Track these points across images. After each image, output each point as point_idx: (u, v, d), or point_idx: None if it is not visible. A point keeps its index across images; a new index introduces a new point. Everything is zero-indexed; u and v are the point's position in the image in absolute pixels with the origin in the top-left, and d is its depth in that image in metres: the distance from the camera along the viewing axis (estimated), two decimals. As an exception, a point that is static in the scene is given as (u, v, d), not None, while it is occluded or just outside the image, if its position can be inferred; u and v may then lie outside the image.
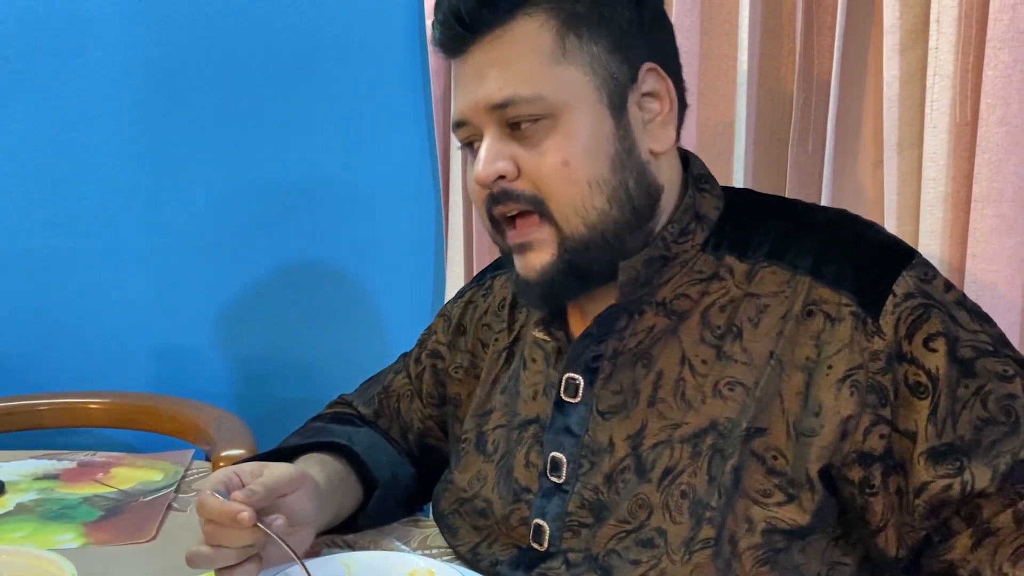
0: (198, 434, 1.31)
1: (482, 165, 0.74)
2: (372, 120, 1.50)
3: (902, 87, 0.94)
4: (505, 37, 0.74)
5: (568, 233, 0.74)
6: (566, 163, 0.73)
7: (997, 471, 0.66)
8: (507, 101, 0.73)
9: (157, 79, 1.50)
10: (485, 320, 0.94)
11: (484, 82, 0.74)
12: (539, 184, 0.74)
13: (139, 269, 1.56)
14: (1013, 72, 0.84)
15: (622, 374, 0.77)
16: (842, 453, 0.69)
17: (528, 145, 0.74)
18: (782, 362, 0.71)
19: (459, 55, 0.76)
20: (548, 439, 0.80)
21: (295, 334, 1.56)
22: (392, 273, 1.54)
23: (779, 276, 0.74)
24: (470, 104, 0.75)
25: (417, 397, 1.00)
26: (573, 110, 0.73)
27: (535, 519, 0.78)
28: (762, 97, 1.09)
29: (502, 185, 0.75)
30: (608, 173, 0.74)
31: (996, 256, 0.88)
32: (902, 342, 0.68)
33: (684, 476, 0.72)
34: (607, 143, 0.74)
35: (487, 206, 0.77)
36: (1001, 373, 0.68)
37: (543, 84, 0.73)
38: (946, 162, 0.91)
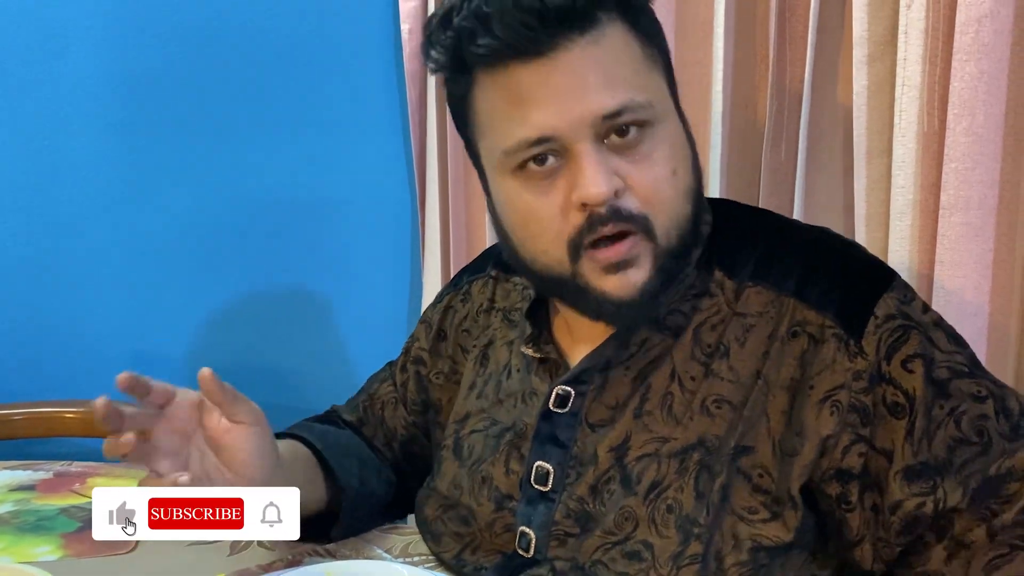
0: (176, 443, 1.31)
1: (601, 181, 0.67)
2: (348, 126, 1.50)
3: (871, 97, 0.96)
4: (603, 41, 0.68)
5: (665, 246, 0.71)
6: (675, 172, 0.71)
7: (968, 488, 0.67)
8: (622, 108, 0.68)
9: (134, 87, 1.49)
10: (464, 325, 0.94)
11: (588, 91, 0.67)
12: (650, 198, 0.70)
13: (115, 277, 1.55)
14: (979, 84, 0.86)
15: (616, 388, 0.77)
16: (820, 469, 0.70)
17: (632, 158, 0.69)
18: (768, 382, 0.72)
19: (534, 58, 0.68)
20: (533, 448, 0.80)
21: (272, 342, 1.56)
22: (369, 280, 1.54)
23: (764, 296, 0.74)
24: (571, 117, 0.68)
25: (401, 404, 1.00)
26: (670, 117, 0.72)
27: (521, 527, 0.79)
28: (736, 104, 1.11)
29: (613, 203, 0.69)
30: (694, 181, 0.73)
31: (963, 262, 0.90)
32: (882, 363, 0.69)
33: (670, 491, 0.72)
34: (689, 151, 0.74)
35: (577, 233, 0.70)
36: (975, 394, 0.69)
37: (650, 90, 0.70)
38: (914, 170, 0.93)
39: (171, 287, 1.54)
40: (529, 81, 0.68)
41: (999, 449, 0.68)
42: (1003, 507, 0.67)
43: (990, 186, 0.89)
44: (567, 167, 0.70)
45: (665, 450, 0.74)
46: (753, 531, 0.70)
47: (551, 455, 0.78)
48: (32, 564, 0.84)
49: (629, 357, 0.77)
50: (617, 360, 0.77)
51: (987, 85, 0.87)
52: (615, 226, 0.69)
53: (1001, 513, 0.67)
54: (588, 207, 0.69)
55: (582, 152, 0.68)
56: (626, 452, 0.75)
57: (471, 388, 0.90)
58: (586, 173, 0.68)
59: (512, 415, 0.83)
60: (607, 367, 0.77)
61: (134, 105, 1.49)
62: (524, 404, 0.83)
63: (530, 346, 0.83)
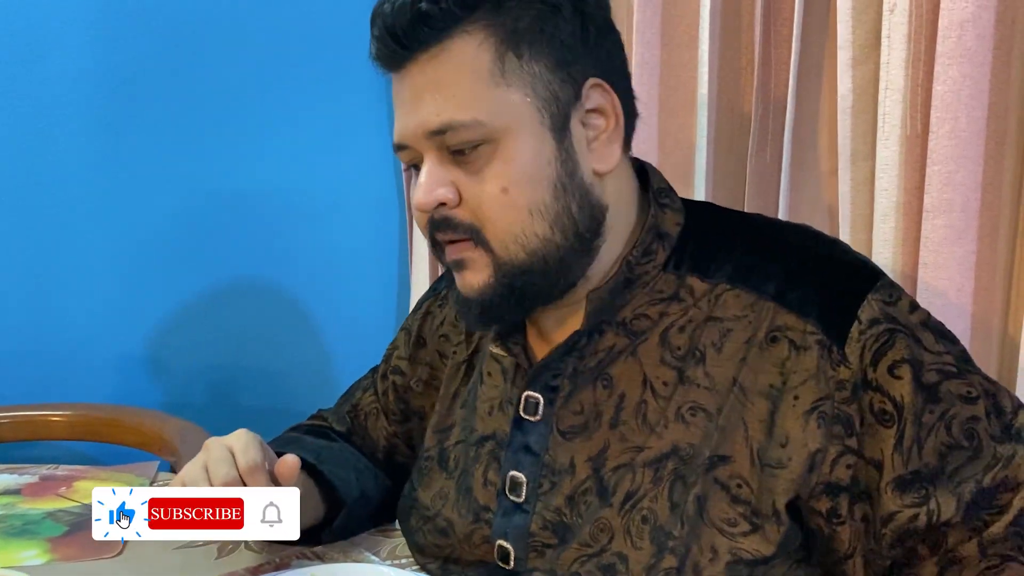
0: (163, 446, 1.30)
1: (422, 192, 0.72)
2: (335, 127, 1.50)
3: (855, 100, 0.96)
4: (442, 56, 0.70)
5: (505, 259, 0.72)
6: (505, 190, 0.71)
7: (962, 500, 0.66)
8: (444, 127, 0.70)
9: (119, 87, 1.49)
10: (443, 331, 0.93)
11: (421, 106, 0.71)
12: (478, 212, 0.72)
13: (99, 278, 1.54)
14: (961, 87, 0.87)
15: (582, 394, 0.76)
16: (809, 486, 0.69)
17: (469, 171, 0.72)
18: (744, 389, 0.71)
19: (397, 71, 0.73)
20: (507, 457, 0.79)
21: (259, 344, 1.56)
22: (356, 280, 1.54)
23: (742, 300, 0.73)
24: (409, 129, 0.73)
25: (383, 415, 0.99)
26: (513, 134, 0.71)
27: (498, 539, 0.78)
28: (721, 108, 1.11)
29: (443, 212, 0.73)
30: (550, 199, 0.72)
31: (947, 264, 0.91)
32: (867, 370, 0.68)
33: (645, 501, 0.71)
34: (548, 167, 0.72)
35: (428, 228, 0.75)
36: (965, 395, 0.68)
37: (481, 108, 0.70)
38: (898, 173, 0.93)
39: (157, 289, 1.54)
40: (395, 90, 0.75)
41: (990, 453, 0.67)
42: (994, 518, 0.66)
43: (972, 189, 0.89)
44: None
45: (640, 459, 0.72)
46: (733, 544, 0.68)
47: (524, 464, 0.77)
48: (18, 569, 0.84)
49: (597, 364, 0.76)
50: (584, 366, 0.76)
51: (969, 89, 0.87)
52: (443, 234, 0.74)
53: (992, 524, 0.66)
54: (422, 212, 0.74)
55: (425, 160, 0.73)
56: (603, 463, 0.74)
57: (455, 397, 0.89)
58: (419, 181, 0.73)
59: (491, 424, 0.82)
60: (574, 374, 0.76)
61: (118, 105, 1.49)
62: (501, 412, 0.81)
63: (497, 344, 0.82)
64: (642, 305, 0.76)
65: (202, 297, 1.55)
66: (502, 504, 0.78)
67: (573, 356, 0.77)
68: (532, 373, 0.78)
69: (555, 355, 0.77)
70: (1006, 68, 0.88)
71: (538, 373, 0.78)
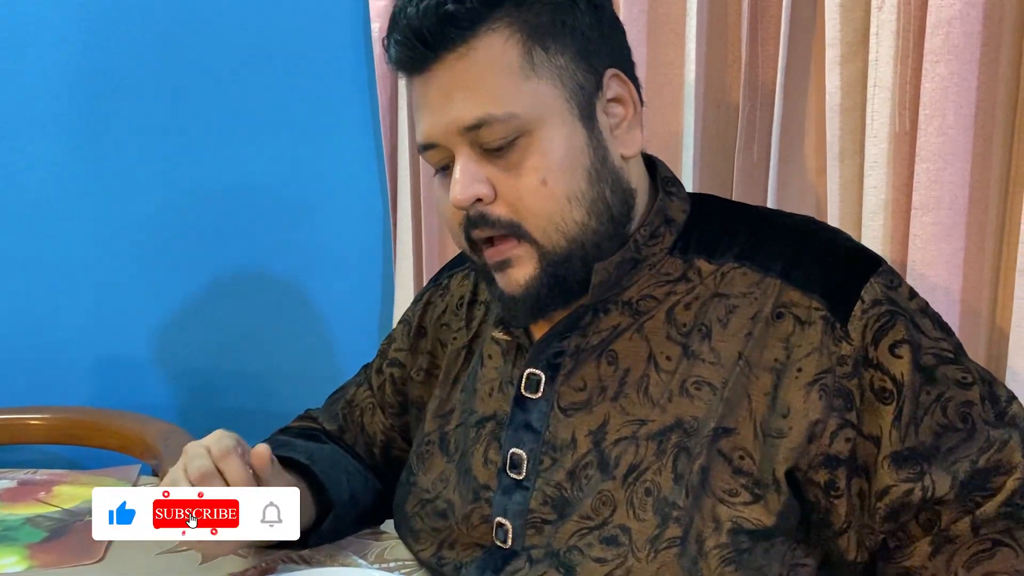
0: (145, 449, 1.29)
1: (459, 189, 0.73)
2: (318, 126, 1.49)
3: (843, 98, 0.96)
4: (470, 55, 0.72)
5: (548, 248, 0.74)
6: (544, 182, 0.72)
7: (956, 478, 0.68)
8: (479, 122, 0.71)
9: (98, 83, 1.47)
10: (444, 320, 0.94)
11: (452, 104, 0.72)
12: (517, 206, 0.73)
13: (79, 279, 1.52)
14: (949, 84, 0.87)
15: (585, 370, 0.77)
16: (809, 456, 0.70)
17: (504, 165, 0.73)
18: (750, 363, 0.72)
19: (420, 74, 0.74)
20: (508, 436, 0.79)
21: (242, 344, 1.54)
22: (340, 281, 1.53)
23: (749, 277, 0.75)
24: (440, 127, 0.73)
25: (380, 410, 0.99)
26: (547, 125, 0.72)
27: (497, 517, 0.78)
28: (708, 105, 1.11)
29: (479, 208, 0.74)
30: (585, 186, 0.74)
31: (935, 262, 0.91)
32: (868, 348, 0.70)
33: (649, 473, 0.72)
34: (582, 155, 0.74)
35: (463, 228, 0.75)
36: (960, 380, 0.70)
37: (515, 102, 0.72)
38: (886, 171, 0.93)
39: (137, 289, 1.52)
40: (418, 93, 0.75)
41: (983, 436, 0.69)
42: (987, 500, 0.68)
43: (960, 186, 0.90)
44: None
45: (643, 432, 0.74)
46: (734, 513, 0.69)
47: (524, 442, 0.78)
48: (-3, 576, 0.82)
49: (600, 341, 0.77)
50: (587, 344, 0.77)
51: (957, 86, 0.87)
52: (481, 231, 0.75)
53: (984, 505, 0.68)
54: (459, 209, 0.74)
55: (457, 158, 0.74)
56: (604, 436, 0.75)
57: (455, 383, 0.89)
58: (452, 179, 0.74)
59: (491, 405, 0.83)
60: (577, 351, 0.78)
61: (99, 103, 1.47)
62: (501, 393, 0.83)
63: (500, 329, 0.83)
64: (649, 287, 0.77)
65: (183, 298, 1.53)
66: (502, 482, 0.79)
67: (576, 333, 0.78)
68: (535, 349, 0.79)
69: (559, 328, 0.78)
70: (993, 65, 0.88)
71: (541, 348, 0.79)
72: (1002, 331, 0.92)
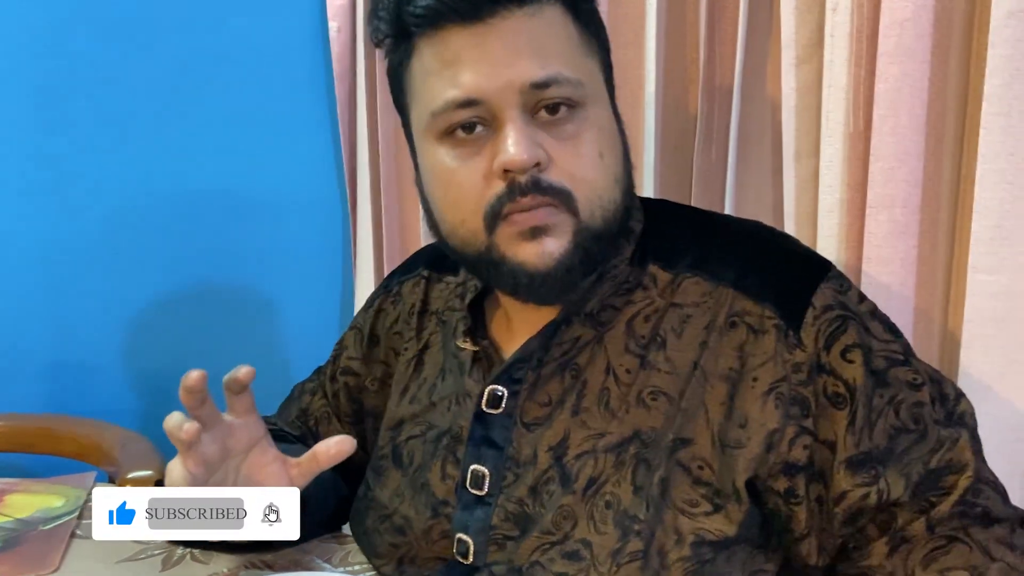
0: (101, 456, 1.26)
1: (522, 149, 0.68)
2: (275, 125, 1.47)
3: (799, 99, 0.98)
4: (542, 16, 0.70)
5: (587, 223, 0.71)
6: (601, 155, 0.71)
7: (910, 480, 0.69)
8: (551, 80, 0.69)
9: (50, 81, 1.43)
10: (396, 328, 0.92)
11: (519, 60, 0.69)
12: (575, 175, 0.70)
13: (31, 281, 1.48)
14: (902, 85, 0.89)
15: (549, 385, 0.77)
16: (768, 465, 0.70)
17: (559, 135, 0.70)
18: (705, 372, 0.72)
19: (471, 23, 0.69)
20: (468, 451, 0.78)
21: (200, 347, 1.52)
22: (300, 283, 1.52)
23: (702, 287, 0.75)
24: (499, 81, 0.68)
25: (335, 418, 0.98)
26: (598, 103, 0.73)
27: (458, 533, 0.77)
28: (667, 107, 1.12)
29: (534, 175, 0.69)
30: (623, 170, 0.74)
31: (890, 259, 0.93)
32: (821, 353, 0.70)
33: (608, 486, 0.72)
34: (620, 138, 0.75)
35: (495, 200, 0.70)
36: (911, 382, 0.71)
37: (582, 71, 0.71)
38: (841, 170, 0.95)
39: (91, 292, 1.49)
40: (463, 44, 0.69)
41: (935, 436, 0.70)
42: (941, 499, 0.69)
43: (914, 185, 0.91)
44: (493, 136, 0.70)
45: (602, 445, 0.73)
46: (696, 525, 0.69)
47: (486, 458, 0.77)
48: (-51, 589, 0.80)
49: (563, 354, 0.77)
50: (549, 357, 0.77)
51: (910, 87, 0.89)
52: (534, 199, 0.69)
53: (939, 504, 0.69)
54: (510, 174, 0.69)
55: (509, 119, 0.69)
56: (565, 451, 0.74)
57: (403, 393, 0.88)
58: (509, 139, 0.69)
59: (447, 418, 0.82)
60: (539, 365, 0.77)
61: (51, 101, 1.44)
62: (458, 406, 0.81)
63: (467, 340, 0.82)
64: (607, 296, 0.77)
65: (140, 301, 1.50)
66: (462, 498, 0.78)
67: (539, 348, 0.77)
68: (505, 366, 0.78)
69: (532, 345, 0.77)
70: (944, 66, 0.90)
71: (510, 366, 0.78)
72: (954, 328, 0.93)
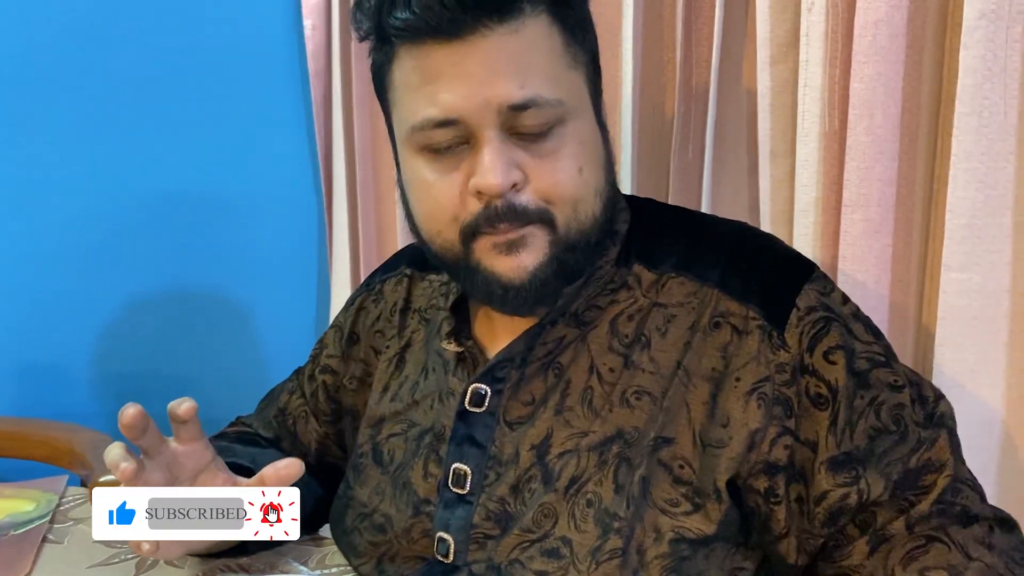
0: (72, 458, 1.24)
1: (497, 174, 0.67)
2: (250, 124, 1.46)
3: (774, 98, 0.98)
4: (523, 32, 0.68)
5: (563, 236, 0.71)
6: (581, 170, 0.71)
7: (890, 480, 0.69)
8: (529, 103, 0.68)
9: (21, 79, 1.41)
10: (377, 326, 0.92)
11: (499, 79, 0.67)
12: (550, 192, 0.70)
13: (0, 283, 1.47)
14: (876, 85, 0.90)
15: (533, 384, 0.76)
16: (749, 464, 0.70)
17: (537, 153, 0.70)
18: (688, 372, 0.72)
19: (449, 40, 0.67)
20: (450, 450, 0.78)
21: (173, 349, 1.50)
22: (273, 284, 1.50)
23: (687, 287, 0.75)
24: (476, 101, 0.67)
25: (313, 417, 0.97)
26: (580, 118, 0.72)
27: (439, 532, 0.77)
28: (644, 107, 1.12)
29: (509, 199, 0.69)
30: (604, 183, 0.74)
31: (864, 257, 0.94)
32: (804, 355, 0.71)
33: (590, 484, 0.72)
34: (602, 150, 0.74)
35: (473, 219, 0.70)
36: (892, 383, 0.71)
37: (563, 88, 0.70)
38: (817, 169, 0.96)
39: (62, 293, 1.48)
40: (443, 61, 0.68)
41: (915, 438, 0.70)
42: (920, 498, 0.69)
43: (888, 184, 0.92)
44: (471, 153, 0.70)
45: (584, 444, 0.73)
46: (675, 523, 0.69)
47: (469, 456, 0.77)
48: (-84, 596, 0.78)
49: (547, 354, 0.77)
50: (533, 356, 0.77)
51: (884, 87, 0.90)
52: (510, 225, 0.70)
53: (917, 503, 0.69)
54: (484, 196, 0.69)
55: (485, 139, 0.68)
56: (547, 450, 0.74)
57: (384, 391, 0.88)
58: (485, 161, 0.68)
59: (430, 417, 0.82)
60: (523, 364, 0.77)
61: (22, 100, 1.42)
62: (441, 404, 0.81)
63: (451, 341, 0.81)
64: (592, 296, 0.77)
65: (111, 302, 1.48)
66: (444, 496, 0.77)
67: (525, 348, 0.77)
68: (489, 365, 0.78)
69: (517, 346, 0.77)
70: (917, 67, 0.91)
71: (494, 365, 0.77)
72: (928, 325, 0.94)
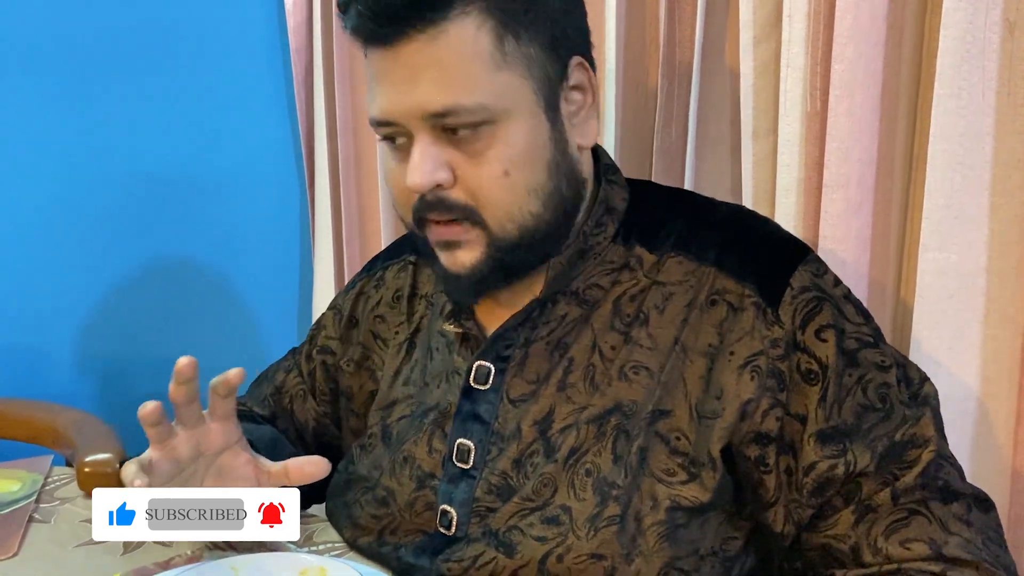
0: (56, 438, 1.24)
1: (420, 174, 0.71)
2: (231, 105, 1.46)
3: (757, 78, 0.99)
4: (442, 38, 0.69)
5: (500, 235, 0.73)
6: (506, 173, 0.72)
7: (875, 452, 0.71)
8: (447, 111, 0.70)
9: (2, 61, 1.40)
10: (378, 312, 0.93)
11: (419, 86, 0.70)
12: (476, 193, 0.72)
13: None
14: (857, 66, 0.90)
15: (537, 362, 0.79)
16: (740, 433, 0.73)
17: (466, 152, 0.71)
18: (686, 348, 0.75)
19: (382, 47, 0.71)
20: (455, 426, 0.80)
21: (156, 329, 1.50)
22: (256, 266, 1.51)
23: (685, 266, 0.77)
24: (403, 107, 0.71)
25: (311, 396, 0.98)
26: (513, 117, 0.71)
27: (442, 505, 0.79)
28: (627, 86, 1.12)
29: (437, 193, 0.72)
30: (545, 179, 0.74)
31: (845, 237, 0.94)
32: (797, 332, 0.73)
33: (589, 455, 0.75)
34: (544, 148, 0.74)
35: (414, 208, 0.74)
36: (879, 363, 0.74)
37: (485, 92, 0.70)
38: (799, 149, 0.96)
39: (44, 274, 1.47)
40: (379, 66, 0.72)
41: (900, 415, 0.73)
42: (904, 472, 0.72)
43: (868, 164, 0.93)
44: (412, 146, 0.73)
45: (584, 416, 0.76)
46: (672, 492, 0.72)
47: (472, 432, 0.79)
48: (-97, 576, 0.78)
49: (550, 332, 0.79)
50: (536, 335, 0.79)
51: (864, 67, 0.90)
52: (439, 215, 0.73)
53: (902, 476, 0.71)
54: (416, 193, 0.73)
55: (417, 139, 0.72)
56: (550, 425, 0.77)
57: (396, 375, 0.89)
58: (413, 160, 0.72)
59: (437, 396, 0.84)
60: (527, 343, 0.79)
61: (2, 82, 1.40)
62: (448, 383, 0.83)
63: (451, 322, 0.83)
64: (594, 275, 0.79)
65: (94, 282, 1.48)
66: (448, 471, 0.80)
67: (526, 326, 0.79)
68: (487, 343, 0.80)
69: (511, 323, 0.79)
70: (897, 48, 0.92)
71: (492, 343, 0.80)
72: (906, 303, 0.96)
